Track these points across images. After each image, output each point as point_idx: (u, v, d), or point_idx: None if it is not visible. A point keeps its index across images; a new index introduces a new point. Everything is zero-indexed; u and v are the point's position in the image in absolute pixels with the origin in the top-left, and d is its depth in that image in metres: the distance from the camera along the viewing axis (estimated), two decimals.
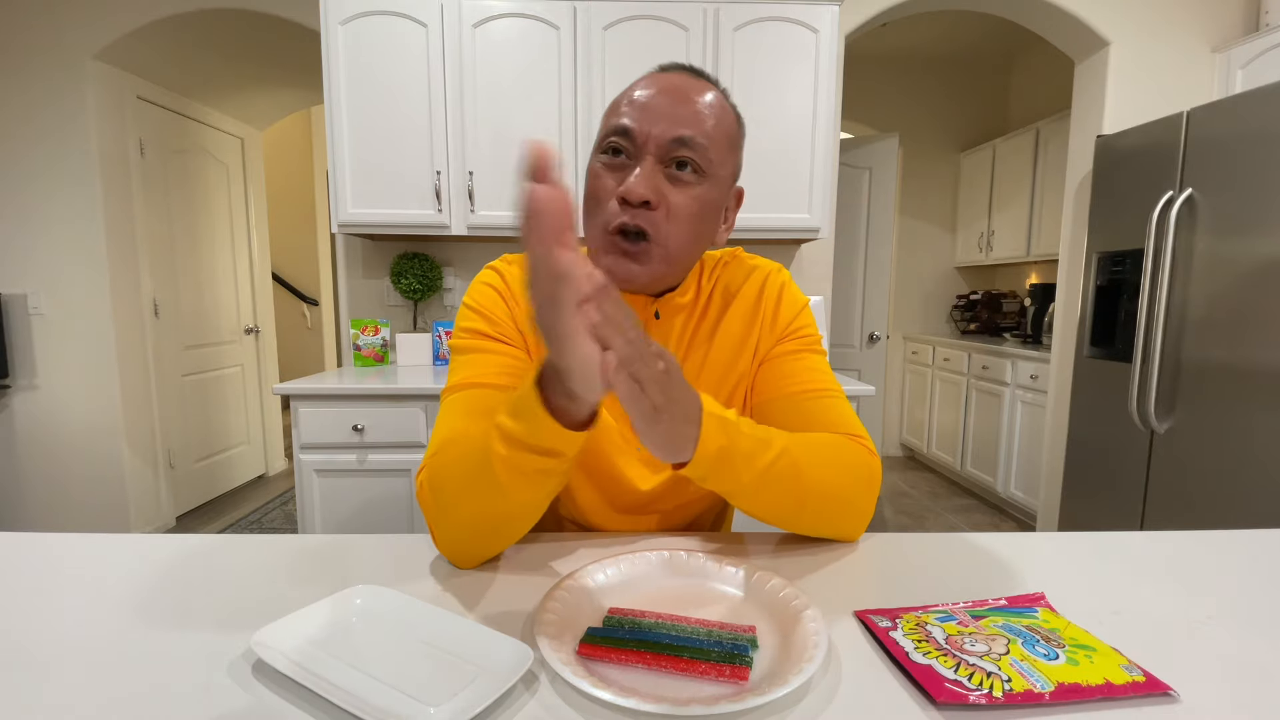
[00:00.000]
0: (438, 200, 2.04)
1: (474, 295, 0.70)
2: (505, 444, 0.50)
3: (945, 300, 4.14)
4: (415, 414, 1.80)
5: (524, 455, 0.50)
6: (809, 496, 0.59)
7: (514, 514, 0.55)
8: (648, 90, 0.61)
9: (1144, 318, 2.08)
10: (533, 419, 0.48)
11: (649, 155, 0.59)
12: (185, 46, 2.62)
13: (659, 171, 0.60)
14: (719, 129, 0.61)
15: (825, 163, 2.09)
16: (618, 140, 0.61)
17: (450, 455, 0.57)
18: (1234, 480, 1.82)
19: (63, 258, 2.51)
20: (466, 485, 0.54)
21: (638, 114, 0.60)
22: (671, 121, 0.59)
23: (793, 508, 0.60)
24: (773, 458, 0.56)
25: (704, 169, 0.60)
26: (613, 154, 0.61)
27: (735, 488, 0.56)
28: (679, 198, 0.60)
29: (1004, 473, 3.09)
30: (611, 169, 0.61)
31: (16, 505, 2.64)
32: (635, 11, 2.00)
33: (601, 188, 0.61)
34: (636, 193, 0.58)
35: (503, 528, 0.57)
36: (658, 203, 0.59)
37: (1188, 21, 2.43)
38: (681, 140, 0.59)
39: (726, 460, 0.53)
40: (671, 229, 0.60)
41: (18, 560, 0.60)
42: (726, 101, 0.64)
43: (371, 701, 0.38)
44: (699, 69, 0.65)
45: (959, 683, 0.39)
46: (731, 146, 0.64)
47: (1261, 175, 1.74)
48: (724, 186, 0.64)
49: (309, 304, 4.73)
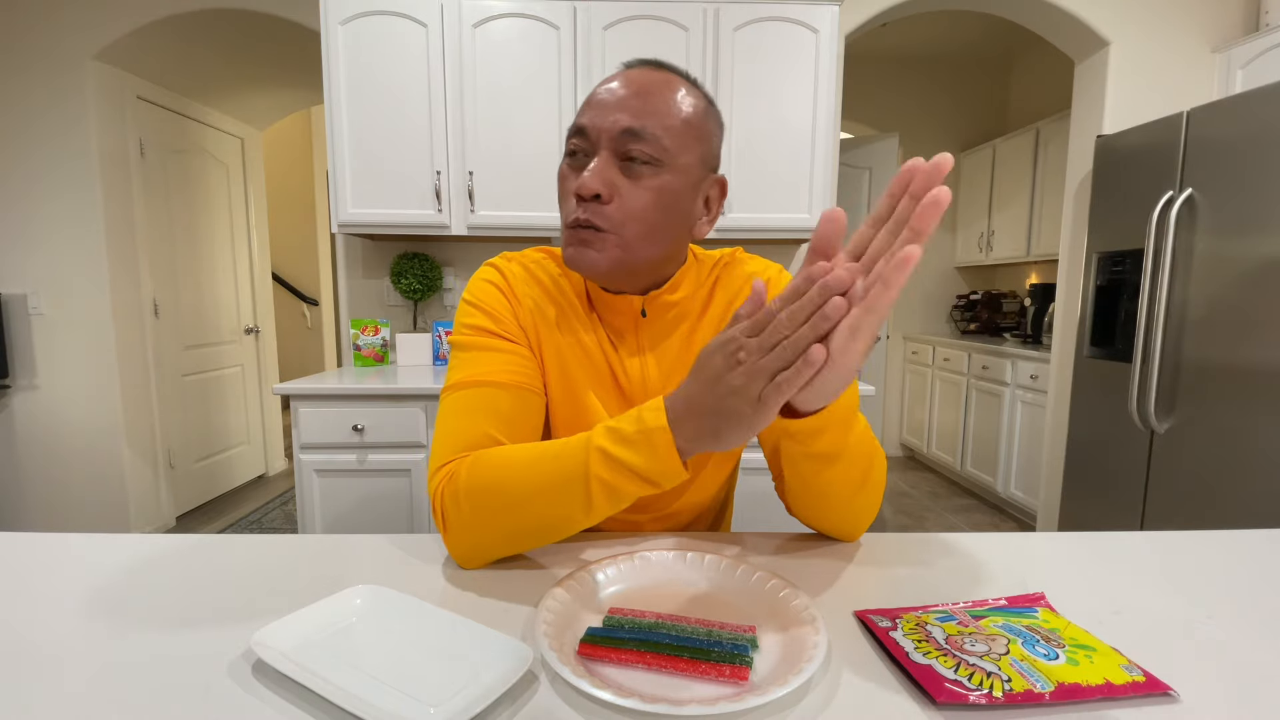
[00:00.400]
0: (438, 200, 2.04)
1: (475, 291, 0.70)
2: (611, 470, 0.51)
3: (945, 300, 4.14)
4: (415, 414, 1.80)
5: (631, 483, 0.51)
6: (870, 473, 0.61)
7: (569, 530, 0.56)
8: (604, 88, 0.62)
9: (1144, 318, 2.08)
10: (655, 455, 0.50)
11: (603, 149, 0.60)
12: (185, 46, 2.62)
13: (613, 164, 0.60)
14: (675, 117, 0.61)
15: (825, 163, 2.09)
16: (575, 141, 0.62)
17: (502, 465, 0.57)
18: (1234, 480, 1.82)
19: (63, 258, 2.51)
20: (533, 498, 0.55)
21: (592, 111, 0.61)
22: (622, 113, 0.60)
23: (858, 483, 0.60)
24: (862, 427, 0.58)
25: (659, 159, 0.60)
26: (573, 155, 0.63)
27: (840, 447, 0.57)
28: (633, 189, 0.60)
29: (1004, 473, 3.09)
30: (574, 169, 0.63)
31: (16, 505, 2.64)
32: (635, 11, 2.00)
33: (565, 188, 0.63)
34: (587, 186, 0.59)
35: (545, 539, 0.58)
36: (609, 195, 0.60)
37: (1188, 21, 2.43)
38: (630, 131, 0.59)
39: (851, 410, 0.56)
40: (626, 219, 0.61)
41: (18, 560, 0.60)
42: (693, 89, 0.64)
43: (371, 701, 0.38)
44: (663, 62, 0.65)
45: (959, 683, 0.39)
46: (696, 135, 0.63)
47: (1261, 175, 1.74)
48: (688, 175, 0.63)
49: (309, 304, 4.73)
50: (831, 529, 0.65)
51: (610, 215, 0.60)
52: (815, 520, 0.65)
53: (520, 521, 0.56)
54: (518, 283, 0.70)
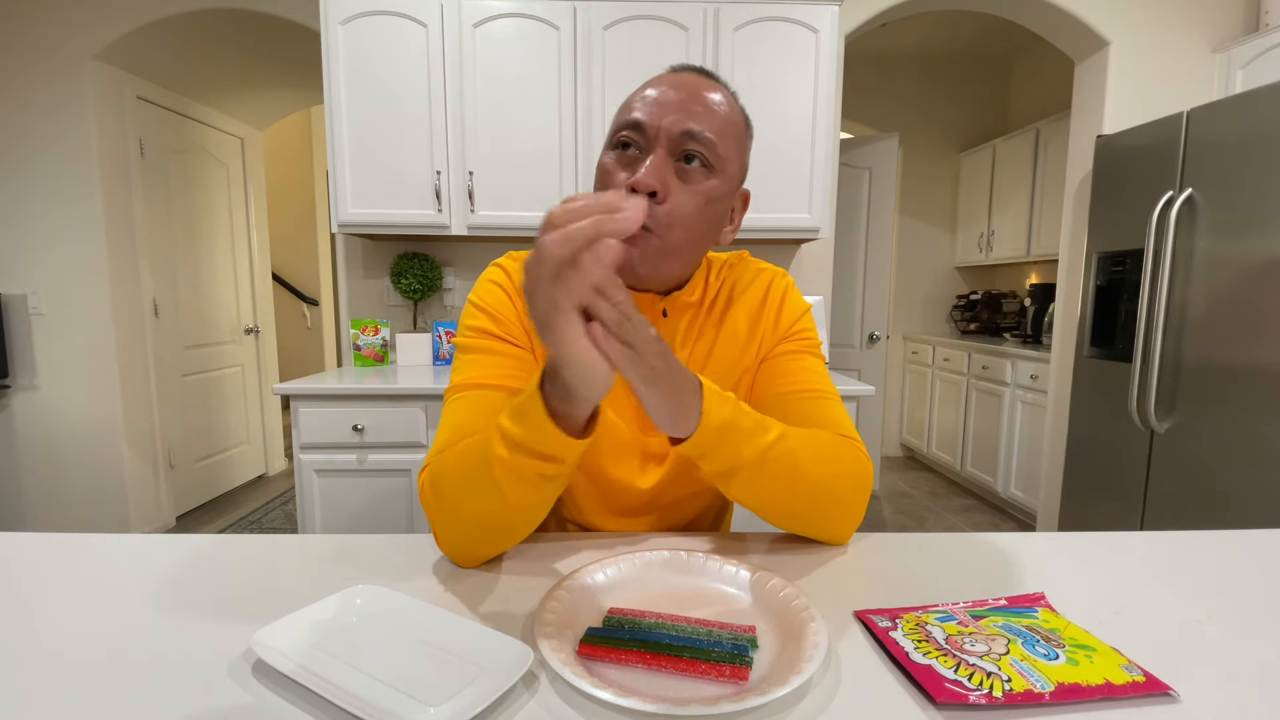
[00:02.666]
0: (438, 200, 2.04)
1: (480, 293, 0.70)
2: (506, 447, 0.50)
3: (945, 300, 4.14)
4: (415, 414, 1.80)
5: (524, 459, 0.50)
6: (805, 487, 0.59)
7: (514, 516, 0.55)
8: (659, 87, 0.62)
9: (1144, 318, 2.08)
10: (534, 424, 0.48)
11: (660, 147, 0.60)
12: (185, 46, 2.62)
13: (669, 164, 0.60)
14: (727, 126, 0.62)
15: (825, 163, 2.09)
16: (629, 134, 0.61)
17: (452, 456, 0.57)
18: (1234, 480, 1.82)
19: (63, 258, 2.51)
20: (466, 486, 0.54)
21: (649, 108, 0.61)
22: (682, 115, 0.60)
23: (788, 497, 0.60)
24: (772, 440, 0.56)
25: (712, 164, 0.61)
26: (624, 148, 0.62)
27: (735, 465, 0.55)
28: (685, 191, 0.61)
29: (1004, 473, 3.09)
30: (623, 163, 0.62)
31: (16, 505, 2.64)
32: (635, 11, 2.00)
33: (613, 181, 0.62)
34: (645, 182, 0.58)
35: (503, 529, 0.57)
36: (664, 194, 0.59)
37: (1188, 21, 2.43)
38: (691, 133, 0.60)
39: (729, 434, 0.54)
40: (673, 223, 0.60)
41: (18, 560, 0.60)
42: (735, 102, 0.65)
43: (371, 701, 0.38)
44: (709, 71, 0.66)
45: (959, 683, 0.39)
46: (739, 145, 0.64)
47: (1261, 175, 1.74)
48: (731, 184, 0.64)
49: (309, 304, 4.73)
50: (801, 533, 0.65)
51: (659, 216, 0.60)
52: (777, 525, 0.65)
53: (468, 511, 0.55)
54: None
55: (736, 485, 0.58)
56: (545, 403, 0.48)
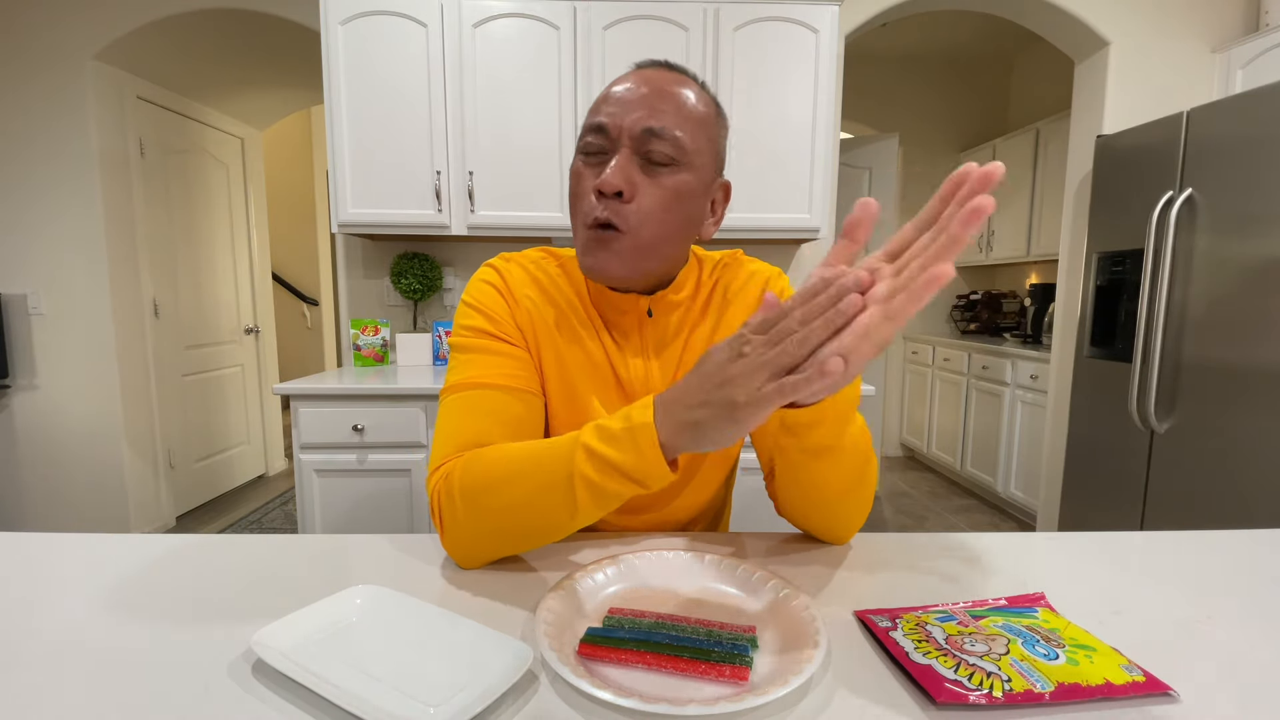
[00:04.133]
0: (438, 200, 2.04)
1: (474, 293, 0.70)
2: (597, 469, 0.50)
3: (945, 300, 4.14)
4: (415, 414, 1.80)
5: (616, 482, 0.50)
6: (865, 471, 0.60)
7: (561, 530, 0.55)
8: (621, 86, 0.62)
9: (1144, 318, 2.08)
10: (641, 453, 0.48)
11: (624, 147, 0.60)
12: (185, 46, 2.62)
13: (633, 162, 0.60)
14: (693, 118, 0.62)
15: (825, 163, 2.09)
16: (593, 138, 0.62)
17: (492, 464, 0.56)
18: (1234, 480, 1.82)
19: (62, 258, 2.51)
20: (522, 497, 0.54)
21: (611, 108, 0.61)
22: (644, 112, 0.60)
23: (851, 480, 0.59)
24: (859, 426, 0.58)
25: (678, 158, 0.61)
26: (589, 154, 0.63)
27: (834, 441, 0.56)
28: (652, 188, 0.61)
29: (1004, 473, 3.09)
30: (590, 166, 0.63)
31: (16, 505, 2.64)
32: (635, 11, 2.00)
33: (582, 186, 0.63)
34: (609, 183, 0.59)
35: (538, 538, 0.57)
36: (631, 193, 0.60)
37: (1187, 21, 2.43)
38: (652, 130, 0.60)
39: (851, 404, 0.55)
40: (644, 220, 0.60)
41: (18, 560, 0.60)
42: (704, 93, 0.65)
43: (371, 701, 0.38)
44: (674, 64, 0.66)
45: (959, 683, 0.39)
46: (709, 136, 0.64)
47: (1261, 175, 1.74)
48: (704, 175, 0.64)
49: (309, 304, 4.73)
50: (820, 529, 0.64)
51: (628, 216, 0.60)
52: (803, 518, 0.65)
53: (511, 520, 0.55)
54: (516, 284, 0.71)
55: (827, 462, 0.57)
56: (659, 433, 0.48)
